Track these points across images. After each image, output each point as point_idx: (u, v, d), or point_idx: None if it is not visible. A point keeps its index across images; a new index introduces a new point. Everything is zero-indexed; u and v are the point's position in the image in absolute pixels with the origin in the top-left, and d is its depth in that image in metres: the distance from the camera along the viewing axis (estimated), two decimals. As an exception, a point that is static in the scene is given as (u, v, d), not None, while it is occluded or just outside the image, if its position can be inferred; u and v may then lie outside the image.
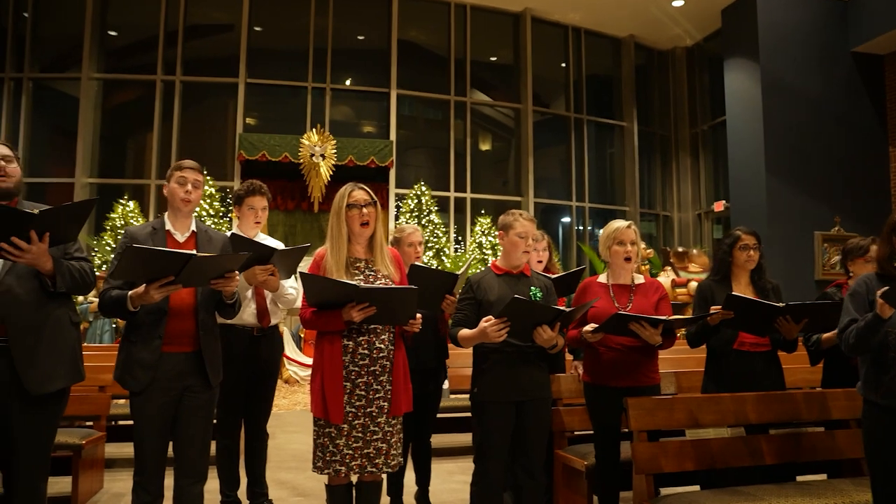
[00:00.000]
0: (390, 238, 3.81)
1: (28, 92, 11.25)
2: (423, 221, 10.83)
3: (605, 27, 13.61)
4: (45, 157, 11.50)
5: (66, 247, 2.63)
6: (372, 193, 2.91)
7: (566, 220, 13.46)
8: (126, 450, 4.94)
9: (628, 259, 3.26)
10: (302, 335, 9.59)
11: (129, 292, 2.58)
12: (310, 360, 9.05)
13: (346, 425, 2.74)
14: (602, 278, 3.38)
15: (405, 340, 2.94)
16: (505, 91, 13.54)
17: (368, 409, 2.76)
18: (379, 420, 2.78)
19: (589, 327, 3.08)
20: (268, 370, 3.65)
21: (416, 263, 3.41)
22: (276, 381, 3.78)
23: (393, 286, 2.79)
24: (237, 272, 2.71)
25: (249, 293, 3.52)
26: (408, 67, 12.26)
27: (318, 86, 11.85)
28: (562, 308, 2.77)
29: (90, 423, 4.44)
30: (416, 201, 11.02)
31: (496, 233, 3.07)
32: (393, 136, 11.77)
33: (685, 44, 14.06)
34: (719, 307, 3.16)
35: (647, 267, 10.51)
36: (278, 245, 3.61)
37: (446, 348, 3.77)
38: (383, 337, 2.80)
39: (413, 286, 2.67)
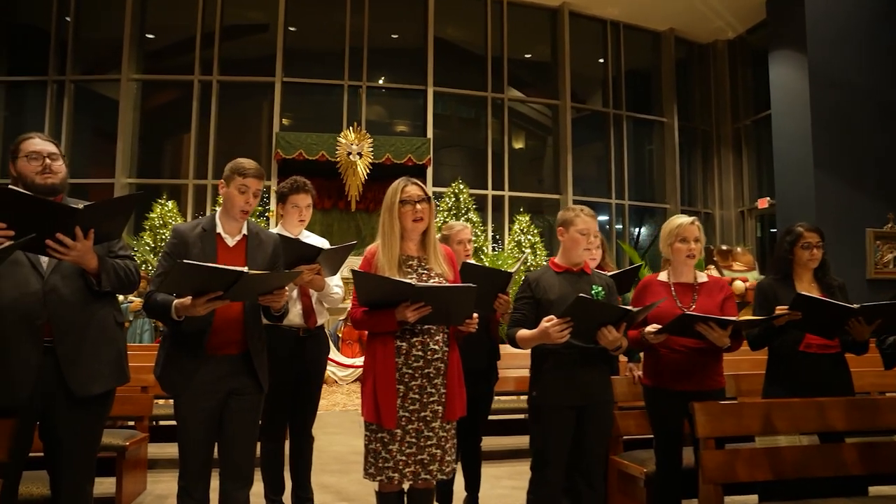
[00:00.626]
0: (438, 236, 3.68)
1: (70, 94, 11.41)
2: (462, 220, 10.69)
3: (644, 21, 13.36)
4: (85, 159, 11.67)
5: (109, 245, 2.56)
6: (426, 189, 2.78)
7: (604, 217, 13.23)
8: (168, 450, 4.90)
9: (691, 257, 3.10)
10: (340, 335, 9.53)
11: (175, 302, 2.50)
12: (348, 360, 9.00)
13: (399, 430, 2.62)
14: (663, 276, 3.21)
15: (457, 341, 2.81)
16: (540, 88, 13.36)
17: (422, 414, 2.64)
18: (433, 425, 2.65)
19: (651, 328, 2.92)
20: (314, 372, 3.54)
21: (468, 261, 3.28)
22: (322, 383, 3.67)
23: (451, 284, 2.67)
24: (286, 289, 2.61)
25: (295, 293, 3.41)
26: (444, 65, 12.15)
27: (355, 83, 11.81)
28: (629, 308, 2.61)
29: (132, 423, 4.40)
30: (453, 199, 10.89)
31: (552, 229, 2.89)
32: (430, 134, 11.67)
33: (727, 37, 13.73)
34: (785, 308, 2.97)
35: (691, 266, 10.23)
36: (323, 243, 3.50)
37: (498, 349, 3.63)
38: (437, 338, 2.67)
39: (471, 284, 2.54)
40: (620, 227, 13.21)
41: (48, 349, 2.37)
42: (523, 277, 2.98)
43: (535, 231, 11.11)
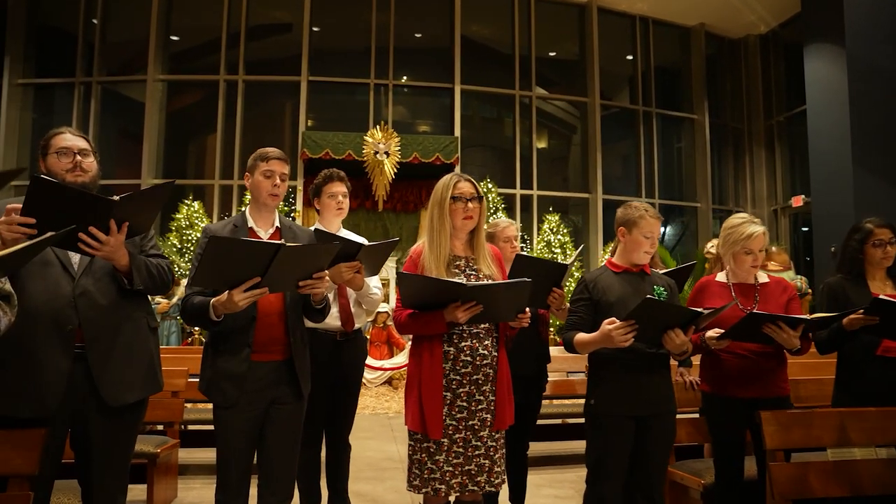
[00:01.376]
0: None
1: (97, 96, 11.44)
2: (491, 220, 10.51)
3: (673, 16, 13.10)
4: (112, 160, 11.67)
5: (141, 244, 2.44)
6: (479, 187, 2.62)
7: (633, 217, 12.95)
8: (199, 455, 4.80)
9: (755, 267, 2.92)
10: (368, 336, 9.39)
11: (212, 300, 2.36)
12: (377, 363, 8.86)
13: (445, 440, 2.46)
14: (721, 277, 3.02)
15: (507, 343, 2.65)
16: (566, 86, 13.16)
17: (470, 422, 2.48)
18: (481, 434, 2.50)
19: (713, 332, 2.74)
20: (351, 377, 3.39)
21: (522, 253, 3.11)
22: (360, 390, 3.52)
23: (504, 281, 2.51)
24: (326, 272, 2.45)
25: (332, 295, 3.26)
26: (470, 63, 11.98)
27: (381, 82, 11.69)
28: (699, 309, 2.43)
29: (160, 427, 4.30)
30: (482, 199, 10.73)
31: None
32: (457, 133, 11.52)
33: (759, 31, 13.42)
34: (860, 311, 2.77)
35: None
36: (362, 241, 3.35)
37: (548, 352, 3.46)
38: (486, 342, 2.52)
39: (527, 278, 2.37)
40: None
41: (79, 356, 2.25)
42: (579, 278, 2.82)
43: (566, 231, 10.90)
